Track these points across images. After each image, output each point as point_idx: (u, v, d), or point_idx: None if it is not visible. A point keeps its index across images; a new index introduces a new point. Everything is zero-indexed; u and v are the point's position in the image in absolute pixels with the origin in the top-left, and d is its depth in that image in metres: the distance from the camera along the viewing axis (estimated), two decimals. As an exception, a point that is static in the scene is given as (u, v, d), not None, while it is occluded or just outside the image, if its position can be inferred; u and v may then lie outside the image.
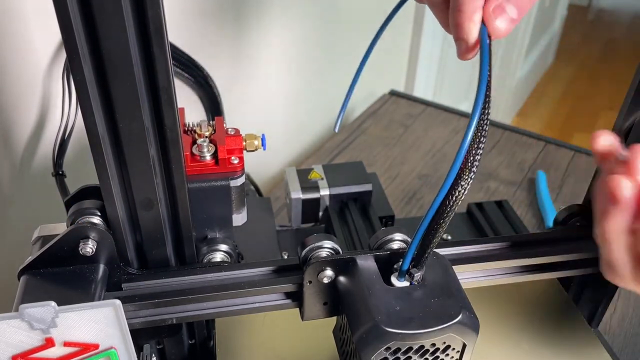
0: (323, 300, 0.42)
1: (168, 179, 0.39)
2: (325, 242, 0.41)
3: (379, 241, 0.42)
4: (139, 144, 0.36)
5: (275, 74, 0.91)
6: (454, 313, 0.37)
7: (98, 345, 0.35)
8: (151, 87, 0.35)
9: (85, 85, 0.33)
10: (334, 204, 0.62)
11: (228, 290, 0.41)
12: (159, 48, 0.33)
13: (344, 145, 0.99)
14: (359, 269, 0.40)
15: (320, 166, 0.64)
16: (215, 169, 0.43)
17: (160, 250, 0.42)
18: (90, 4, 0.30)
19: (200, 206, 0.43)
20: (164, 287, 0.41)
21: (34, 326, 0.32)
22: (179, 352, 0.50)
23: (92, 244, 0.39)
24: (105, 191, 0.38)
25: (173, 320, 0.41)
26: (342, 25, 1.02)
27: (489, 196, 0.87)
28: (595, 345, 0.51)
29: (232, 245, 0.45)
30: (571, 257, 0.47)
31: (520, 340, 0.52)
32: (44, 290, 0.38)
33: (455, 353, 0.39)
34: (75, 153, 0.62)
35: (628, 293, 0.70)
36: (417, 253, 0.38)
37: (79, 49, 0.31)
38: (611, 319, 0.67)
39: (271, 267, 0.43)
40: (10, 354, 0.33)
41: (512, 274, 0.47)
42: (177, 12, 0.70)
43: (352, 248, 0.57)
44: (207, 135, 0.44)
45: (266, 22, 0.84)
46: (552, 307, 0.55)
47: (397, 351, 0.37)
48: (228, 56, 0.81)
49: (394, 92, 1.15)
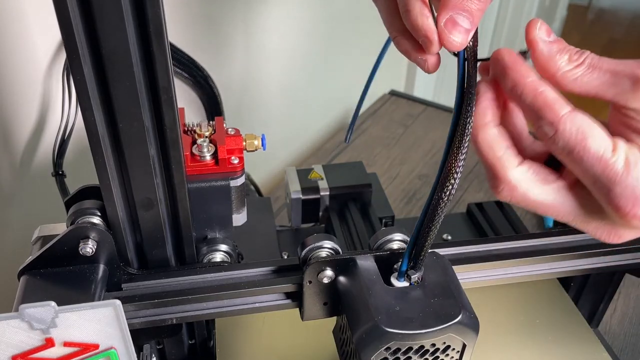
0: (323, 300, 0.42)
1: (168, 179, 0.39)
2: (325, 242, 0.41)
3: (379, 241, 0.42)
4: (139, 144, 0.36)
5: (276, 74, 0.91)
6: (453, 313, 0.37)
7: (98, 346, 0.35)
8: (151, 87, 0.35)
9: (85, 85, 0.33)
10: (334, 204, 0.62)
11: (228, 290, 0.41)
12: (159, 48, 0.33)
13: (344, 145, 0.99)
14: (359, 269, 0.40)
15: (320, 166, 0.64)
16: (215, 169, 0.43)
17: (160, 250, 0.42)
18: (90, 4, 0.30)
19: (200, 206, 0.43)
20: (164, 287, 0.41)
21: (34, 326, 0.32)
22: (179, 352, 0.50)
23: (92, 244, 0.39)
24: (105, 191, 0.38)
25: (173, 320, 0.41)
26: (343, 26, 1.02)
27: (489, 196, 0.87)
28: (595, 345, 0.51)
29: (232, 245, 0.45)
30: (571, 257, 0.47)
31: (520, 340, 0.52)
32: (44, 290, 0.38)
33: (455, 353, 0.39)
34: (75, 153, 0.62)
35: (628, 293, 0.70)
36: (413, 256, 0.38)
37: (79, 49, 0.31)
38: (611, 319, 0.67)
39: (271, 267, 0.43)
40: (10, 354, 0.33)
41: (512, 274, 0.47)
42: (177, 12, 0.70)
43: (352, 248, 0.57)
44: (207, 135, 0.44)
45: (266, 23, 0.84)
46: (552, 307, 0.55)
47: (397, 351, 0.37)
48: (228, 56, 0.81)
49: (394, 92, 1.15)
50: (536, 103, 0.31)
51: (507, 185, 0.33)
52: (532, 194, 0.33)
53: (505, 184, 0.33)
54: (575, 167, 0.31)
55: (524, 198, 0.33)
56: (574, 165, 0.31)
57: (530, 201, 0.33)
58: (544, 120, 0.31)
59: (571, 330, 0.52)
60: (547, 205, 0.33)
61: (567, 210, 0.33)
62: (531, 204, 0.33)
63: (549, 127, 0.31)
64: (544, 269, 0.47)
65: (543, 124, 0.31)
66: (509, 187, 0.33)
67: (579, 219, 0.34)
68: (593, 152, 0.30)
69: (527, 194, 0.33)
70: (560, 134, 0.31)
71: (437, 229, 0.36)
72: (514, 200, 0.33)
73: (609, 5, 3.41)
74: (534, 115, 0.31)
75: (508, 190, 0.33)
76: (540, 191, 0.33)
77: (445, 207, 0.34)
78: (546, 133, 0.31)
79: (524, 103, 0.32)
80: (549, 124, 0.31)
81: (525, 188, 0.33)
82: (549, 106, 0.31)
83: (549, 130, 0.31)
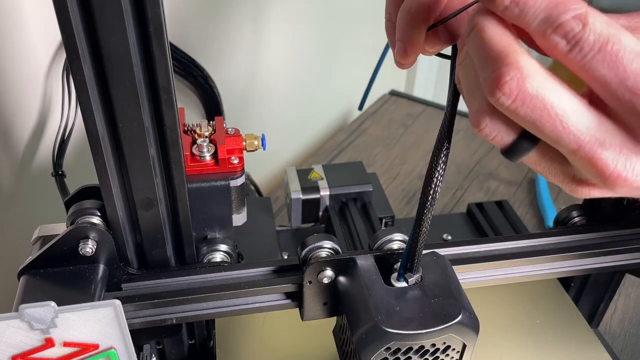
0: (323, 300, 0.42)
1: (168, 179, 0.39)
2: (325, 242, 0.41)
3: (379, 241, 0.42)
4: (138, 144, 0.36)
5: (276, 74, 0.91)
6: (453, 313, 0.37)
7: (98, 346, 0.35)
8: (151, 87, 0.35)
9: (85, 85, 0.33)
10: (334, 204, 0.62)
11: (228, 290, 0.41)
12: (159, 48, 0.33)
13: (344, 145, 0.99)
14: (359, 269, 0.40)
15: (320, 166, 0.64)
16: (215, 169, 0.43)
17: (160, 250, 0.42)
18: (90, 4, 0.30)
19: (200, 206, 0.43)
20: (164, 287, 0.41)
21: (34, 326, 0.32)
22: (178, 352, 0.50)
23: (92, 244, 0.39)
24: (105, 191, 0.38)
25: (173, 320, 0.41)
26: (342, 26, 1.02)
27: (489, 196, 0.87)
28: (596, 345, 0.51)
29: (232, 245, 0.45)
30: (571, 257, 0.47)
31: (521, 341, 0.52)
32: (43, 290, 0.38)
33: (455, 353, 0.39)
34: (75, 153, 0.62)
35: (628, 293, 0.70)
36: (408, 259, 0.38)
37: (79, 49, 0.31)
38: (611, 319, 0.67)
39: (271, 267, 0.43)
40: (10, 354, 0.33)
41: (512, 274, 0.47)
42: (177, 12, 0.70)
43: (352, 248, 0.57)
44: (207, 135, 0.44)
45: (266, 23, 0.84)
46: (551, 307, 0.55)
47: (397, 351, 0.37)
48: (228, 56, 0.81)
49: (394, 92, 1.15)
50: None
51: (519, 72, 0.25)
52: (548, 90, 0.25)
53: (517, 70, 0.25)
54: (600, 72, 0.25)
55: (537, 94, 0.25)
56: (600, 70, 0.25)
57: (542, 100, 0.25)
58: (569, 14, 0.25)
59: (571, 331, 0.52)
60: (564, 111, 0.26)
61: (585, 124, 0.26)
62: (541, 105, 0.25)
63: (576, 21, 0.24)
64: (544, 269, 0.47)
65: (567, 20, 0.25)
66: (521, 74, 0.25)
67: (595, 140, 0.26)
68: (629, 47, 0.24)
69: (541, 88, 0.25)
70: (590, 26, 0.24)
71: (427, 234, 0.36)
72: (519, 98, 0.25)
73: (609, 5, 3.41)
74: (553, 18, 0.25)
75: (519, 80, 0.25)
76: (557, 90, 0.26)
77: (431, 207, 0.34)
78: (572, 28, 0.24)
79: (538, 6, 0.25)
80: (575, 18, 0.24)
81: (541, 80, 0.25)
82: None
83: (576, 25, 0.24)
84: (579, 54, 0.25)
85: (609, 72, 0.25)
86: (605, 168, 0.26)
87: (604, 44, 0.24)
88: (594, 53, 0.25)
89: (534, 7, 0.25)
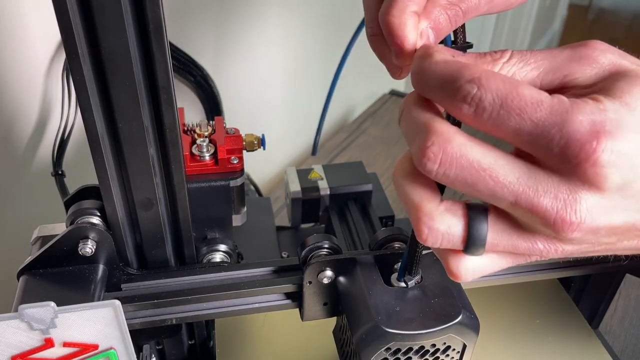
0: (323, 300, 0.42)
1: (168, 179, 0.39)
2: (325, 242, 0.41)
3: (379, 241, 0.42)
4: (138, 144, 0.36)
5: (275, 74, 0.91)
6: (454, 313, 0.37)
7: (97, 346, 0.35)
8: (151, 87, 0.35)
9: (85, 85, 0.33)
10: (334, 204, 0.62)
11: (228, 291, 0.41)
12: (159, 48, 0.33)
13: (344, 145, 0.99)
14: (358, 269, 0.40)
15: (320, 166, 0.64)
16: (215, 169, 0.43)
17: (159, 251, 0.42)
18: (90, 3, 0.30)
19: (200, 206, 0.43)
20: (163, 287, 0.41)
21: (34, 326, 0.32)
22: (178, 353, 0.50)
23: (92, 244, 0.39)
24: (104, 191, 0.38)
25: (173, 320, 0.41)
26: (342, 25, 1.02)
27: (489, 196, 0.87)
28: (596, 345, 0.51)
29: (232, 245, 0.45)
30: (571, 257, 0.47)
31: (521, 341, 0.52)
32: (43, 291, 0.38)
33: (455, 353, 0.39)
34: (75, 153, 0.62)
35: (629, 293, 0.70)
36: (408, 262, 0.38)
37: (78, 49, 0.31)
38: (611, 319, 0.67)
39: (271, 267, 0.43)
40: (9, 355, 0.33)
41: (512, 274, 0.47)
42: (177, 12, 0.70)
43: (352, 248, 0.57)
44: (206, 135, 0.44)
45: (266, 23, 0.84)
46: (552, 307, 0.55)
47: (397, 352, 0.37)
48: (228, 56, 0.81)
49: (394, 92, 1.15)
50: (449, 69, 0.26)
51: (440, 137, 0.26)
52: (470, 148, 0.26)
53: (437, 136, 0.26)
54: (509, 124, 0.25)
55: (460, 154, 0.26)
56: (508, 123, 0.25)
57: (467, 159, 0.26)
58: (463, 80, 0.26)
59: (571, 331, 0.52)
60: (490, 165, 0.26)
61: (515, 174, 0.26)
62: (467, 164, 0.26)
63: (470, 84, 0.25)
64: (544, 269, 0.47)
65: (462, 85, 0.26)
66: (442, 138, 0.26)
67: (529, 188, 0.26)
68: (529, 96, 0.25)
69: (462, 147, 0.26)
70: (485, 86, 0.25)
71: None
72: (444, 161, 0.26)
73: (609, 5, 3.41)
74: (450, 85, 0.26)
75: (440, 143, 0.26)
76: (479, 147, 0.26)
77: None
78: (468, 92, 0.25)
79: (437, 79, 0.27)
80: (469, 82, 0.25)
81: (461, 141, 0.26)
82: (465, 66, 0.26)
83: (471, 88, 0.25)
84: (484, 114, 0.26)
85: (516, 124, 0.25)
86: (548, 215, 0.26)
87: (504, 99, 0.25)
88: (497, 109, 0.25)
89: (432, 78, 0.27)
